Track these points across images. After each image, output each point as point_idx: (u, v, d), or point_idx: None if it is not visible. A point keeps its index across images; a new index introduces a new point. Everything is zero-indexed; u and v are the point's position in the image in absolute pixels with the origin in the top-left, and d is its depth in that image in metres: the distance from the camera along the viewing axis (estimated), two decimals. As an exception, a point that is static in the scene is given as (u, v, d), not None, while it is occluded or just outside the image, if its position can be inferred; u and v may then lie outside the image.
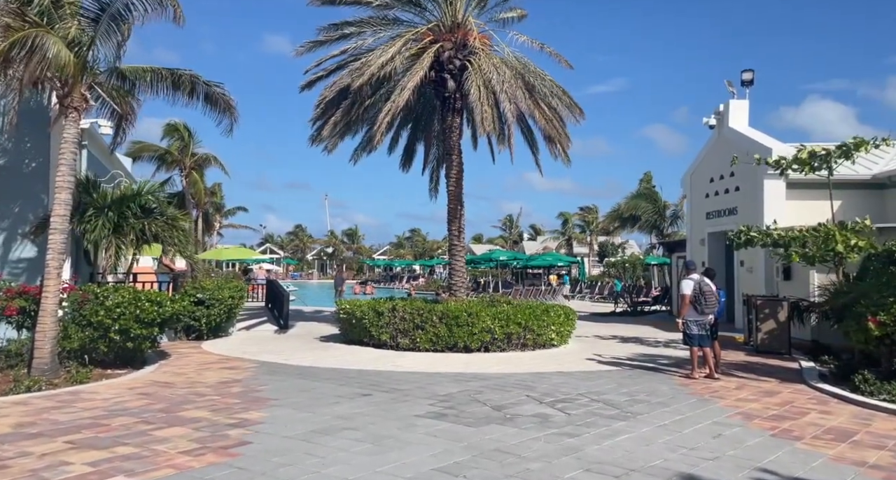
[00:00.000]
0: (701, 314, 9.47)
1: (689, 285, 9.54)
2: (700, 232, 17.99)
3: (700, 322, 9.48)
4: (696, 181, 18.42)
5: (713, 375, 9.45)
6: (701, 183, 18.01)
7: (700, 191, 18.05)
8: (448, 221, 14.55)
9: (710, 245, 17.58)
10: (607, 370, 10.41)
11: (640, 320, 20.18)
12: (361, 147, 16.03)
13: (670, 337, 15.42)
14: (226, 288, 14.25)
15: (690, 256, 18.74)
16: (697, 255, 18.20)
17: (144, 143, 28.25)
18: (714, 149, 17.34)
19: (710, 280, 9.89)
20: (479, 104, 12.32)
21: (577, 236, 51.75)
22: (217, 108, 10.03)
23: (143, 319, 9.22)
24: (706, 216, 17.71)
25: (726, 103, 16.79)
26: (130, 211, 10.75)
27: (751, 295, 13.18)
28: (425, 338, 12.42)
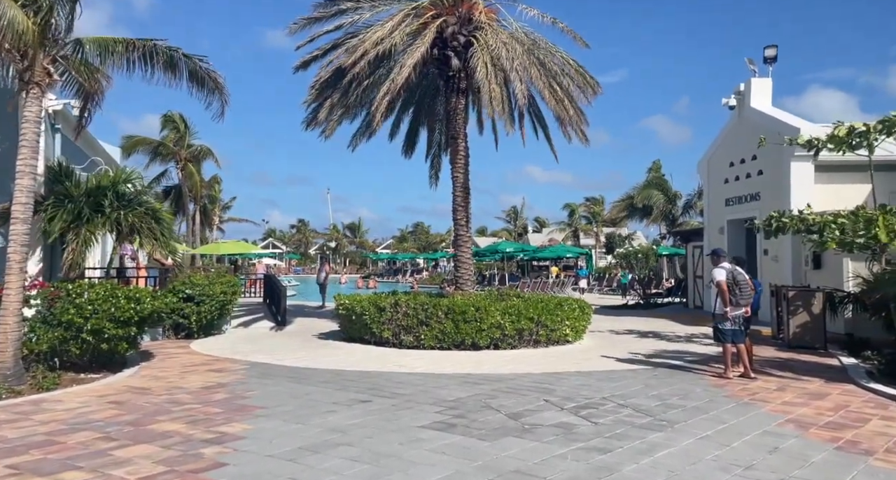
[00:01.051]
0: (735, 306, 8.56)
1: (721, 273, 8.64)
2: (719, 219, 17.03)
3: (734, 315, 8.59)
4: (713, 166, 17.44)
5: (749, 374, 8.55)
6: (719, 168, 17.03)
7: (718, 176, 17.08)
8: (453, 210, 13.65)
9: (730, 233, 16.63)
10: (629, 369, 9.52)
11: (653, 313, 19.27)
12: (360, 132, 15.13)
13: (690, 330, 14.53)
14: (217, 284, 13.39)
15: (708, 245, 17.81)
16: (716, 244, 17.20)
17: (138, 137, 27.43)
18: (734, 131, 16.34)
19: (743, 271, 8.99)
20: (486, 83, 11.38)
21: (584, 227, 50.72)
22: (204, 88, 9.11)
23: (119, 318, 8.36)
24: (725, 203, 16.75)
25: (747, 82, 15.77)
26: (107, 200, 9.87)
27: (780, 286, 12.25)
28: (430, 335, 11.55)
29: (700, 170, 18.03)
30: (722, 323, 8.64)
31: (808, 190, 13.66)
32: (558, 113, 11.94)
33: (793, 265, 13.97)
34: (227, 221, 57.34)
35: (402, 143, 15.92)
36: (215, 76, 8.95)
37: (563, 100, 11.90)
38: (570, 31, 12.50)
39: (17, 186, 7.70)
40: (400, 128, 15.84)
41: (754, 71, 15.71)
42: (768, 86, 15.55)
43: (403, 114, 15.57)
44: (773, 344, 12.05)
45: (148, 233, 10.36)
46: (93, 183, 9.98)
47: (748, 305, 8.64)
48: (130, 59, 8.39)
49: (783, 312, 11.72)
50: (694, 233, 19.83)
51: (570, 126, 12.56)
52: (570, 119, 12.04)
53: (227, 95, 9.19)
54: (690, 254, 19.63)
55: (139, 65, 8.50)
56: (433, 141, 15.90)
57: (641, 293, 22.97)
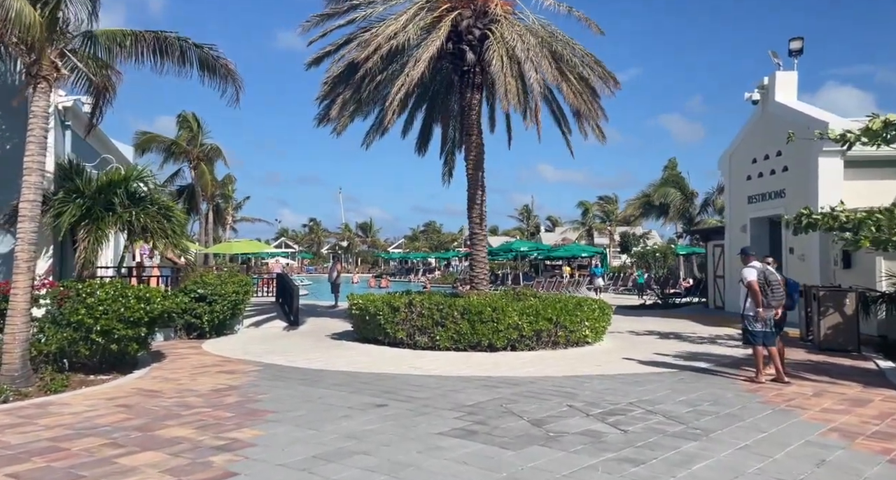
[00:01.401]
0: (766, 307, 8.16)
1: (752, 272, 8.24)
2: (741, 217, 16.55)
3: (765, 317, 8.19)
4: (735, 162, 16.95)
5: (782, 378, 8.15)
6: (742, 164, 16.54)
7: (741, 173, 16.59)
8: (468, 208, 13.33)
9: (753, 231, 16.15)
10: (654, 372, 9.15)
11: (673, 313, 18.81)
12: (374, 129, 14.85)
13: (713, 331, 14.10)
14: (230, 283, 13.20)
15: (729, 244, 17.35)
16: (738, 243, 16.76)
17: (151, 134, 27.38)
18: (757, 126, 15.85)
19: (775, 270, 8.59)
20: (501, 75, 11.05)
21: (598, 226, 50.12)
22: (216, 75, 8.89)
23: (129, 318, 8.15)
24: (748, 200, 16.27)
25: (771, 76, 15.28)
26: (118, 198, 9.68)
27: (810, 286, 11.79)
28: (445, 336, 11.26)
29: (721, 166, 17.54)
30: (752, 324, 8.25)
31: (837, 186, 13.16)
32: (576, 106, 11.57)
33: (821, 264, 13.49)
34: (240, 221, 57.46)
35: (416, 140, 15.64)
36: (226, 63, 8.74)
37: (580, 94, 11.54)
38: (585, 18, 12.11)
39: (25, 183, 7.51)
40: (413, 125, 15.55)
41: (779, 64, 15.22)
42: (793, 80, 15.05)
43: (417, 110, 15.27)
44: (802, 346, 11.61)
45: (159, 232, 10.16)
46: (103, 180, 9.79)
47: (780, 306, 8.24)
48: (139, 50, 8.18)
49: (813, 313, 11.27)
50: (714, 232, 19.33)
51: (588, 120, 12.19)
52: (588, 113, 11.67)
53: (240, 81, 8.98)
54: (711, 253, 19.14)
55: (149, 56, 8.29)
56: (447, 137, 15.59)
57: (659, 293, 22.48)
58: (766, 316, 8.17)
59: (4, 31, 6.84)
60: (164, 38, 8.22)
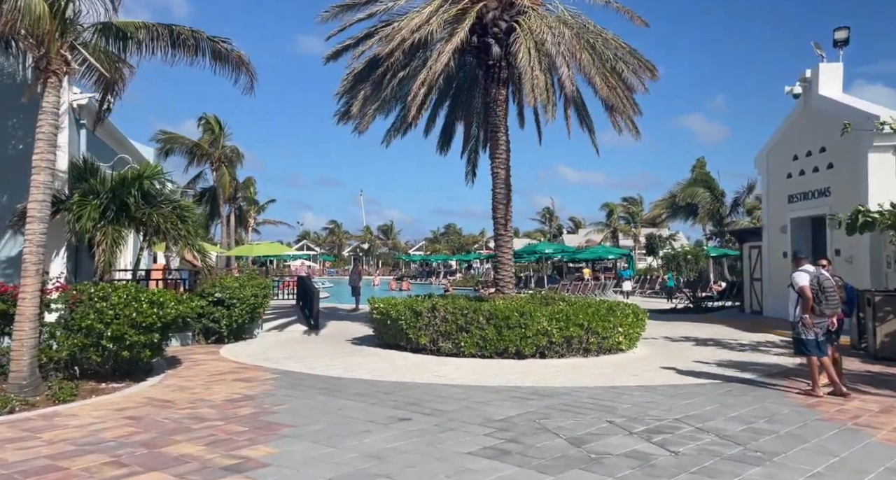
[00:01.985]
0: (820, 315, 7.52)
1: (805, 277, 7.64)
2: (780, 217, 15.71)
3: (819, 324, 7.52)
4: (774, 160, 16.10)
5: (841, 391, 7.45)
6: (781, 162, 15.69)
7: (780, 171, 15.75)
8: (493, 208, 12.79)
9: (794, 232, 15.30)
10: (697, 383, 8.50)
11: (707, 318, 17.99)
12: (395, 127, 14.42)
13: (753, 338, 13.34)
14: (248, 286, 12.86)
15: (768, 245, 16.51)
16: (777, 244, 15.96)
17: (173, 134, 27.42)
18: (799, 121, 15.01)
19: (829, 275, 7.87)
20: (528, 70, 10.50)
21: (623, 228, 49.08)
22: (229, 65, 8.55)
23: (141, 323, 7.80)
24: (788, 199, 15.42)
25: (814, 68, 14.43)
26: (132, 198, 9.38)
27: (863, 290, 10.98)
28: (471, 342, 10.73)
29: (758, 164, 16.70)
30: (805, 332, 7.59)
31: (889, 183, 12.29)
32: (611, 101, 10.94)
33: (871, 266, 12.63)
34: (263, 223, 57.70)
35: (438, 139, 15.15)
36: (239, 53, 8.39)
37: (615, 88, 10.91)
38: (626, 10, 11.46)
39: (33, 182, 7.21)
40: (435, 123, 15.07)
41: (822, 56, 14.36)
42: (839, 72, 14.19)
43: (439, 108, 14.79)
44: (854, 355, 10.80)
45: (174, 233, 9.84)
46: (116, 180, 9.50)
47: (834, 314, 7.60)
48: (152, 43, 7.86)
49: (867, 319, 10.48)
50: (750, 233, 18.44)
51: (622, 115, 11.56)
52: (622, 108, 11.04)
53: (253, 69, 8.64)
54: (747, 255, 18.28)
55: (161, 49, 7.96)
56: (470, 136, 15.08)
57: (691, 296, 21.62)
58: (821, 324, 7.52)
59: (13, 23, 6.52)
60: (178, 31, 7.89)
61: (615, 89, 10.89)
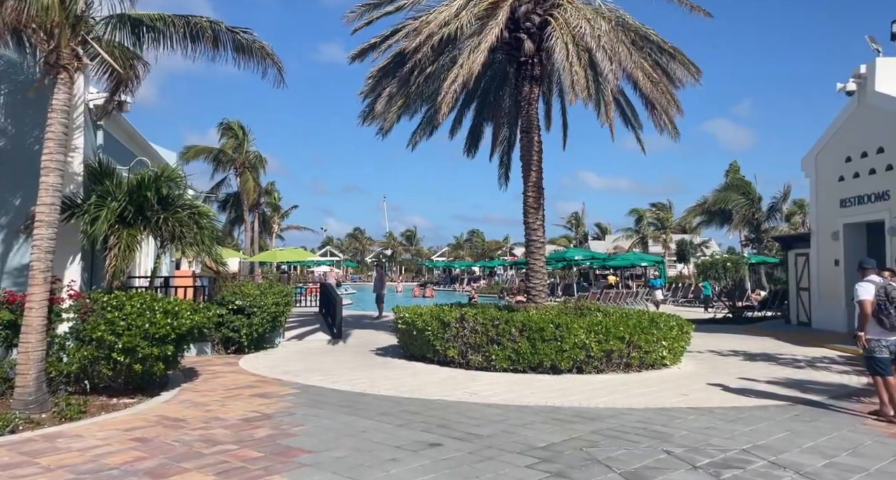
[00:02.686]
0: (890, 330, 6.81)
1: (869, 289, 6.97)
2: (831, 223, 14.69)
3: (885, 342, 6.87)
4: (823, 162, 15.10)
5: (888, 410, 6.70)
6: (832, 163, 14.70)
7: (831, 173, 14.75)
8: (524, 213, 12.11)
9: (848, 238, 14.28)
10: (757, 405, 7.68)
11: (750, 330, 16.98)
12: (421, 129, 13.86)
13: (807, 352, 12.37)
14: (269, 294, 12.39)
15: (817, 252, 15.48)
16: (827, 251, 14.95)
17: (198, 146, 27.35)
18: (853, 120, 14.02)
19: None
20: (567, 65, 9.82)
21: (653, 234, 47.79)
22: (253, 58, 8.10)
23: (154, 335, 7.32)
24: (840, 204, 14.42)
25: (870, 63, 13.45)
26: (148, 202, 8.95)
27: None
28: (502, 355, 10.06)
29: (805, 167, 15.70)
30: (878, 350, 6.87)
31: (958, 186, 11.29)
32: (654, 97, 10.20)
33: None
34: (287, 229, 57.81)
35: (465, 141, 14.56)
36: (262, 45, 7.90)
37: (659, 83, 10.16)
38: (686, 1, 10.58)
39: (42, 184, 6.80)
40: (462, 125, 14.49)
41: (878, 50, 13.38)
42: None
43: (466, 108, 14.19)
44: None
45: (191, 239, 9.38)
46: (133, 182, 9.09)
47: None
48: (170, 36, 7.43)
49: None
50: (797, 239, 17.38)
51: (663, 114, 10.79)
52: (665, 105, 10.27)
53: (279, 61, 8.13)
54: (793, 263, 17.24)
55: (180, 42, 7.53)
56: (498, 137, 14.44)
57: (731, 306, 20.55)
58: (891, 341, 6.85)
59: (19, 13, 6.12)
60: (195, 22, 7.45)
61: (658, 85, 10.14)
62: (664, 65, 10.47)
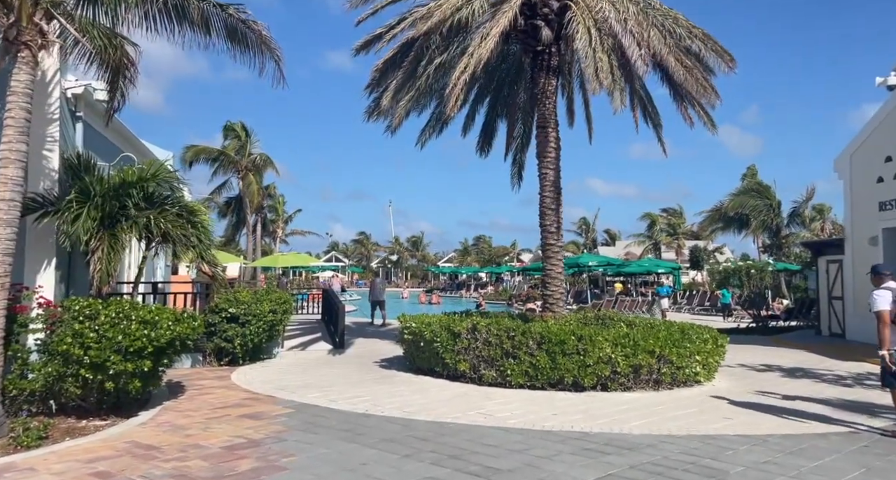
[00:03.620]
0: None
1: (886, 298, 6.53)
2: (869, 227, 13.71)
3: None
4: (860, 162, 14.14)
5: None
6: (870, 164, 13.73)
7: (868, 174, 13.78)
8: (540, 215, 11.22)
9: (888, 244, 13.29)
10: (816, 433, 6.71)
11: (778, 341, 15.92)
12: (430, 125, 13.04)
13: (849, 368, 11.37)
14: (266, 301, 11.53)
15: (852, 259, 14.50)
16: (864, 258, 13.95)
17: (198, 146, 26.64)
18: (894, 117, 13.08)
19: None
20: (591, 52, 8.96)
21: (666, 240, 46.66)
22: (248, 47, 7.28)
23: (128, 348, 6.46)
24: (879, 207, 13.44)
25: (914, 53, 12.54)
26: (131, 200, 8.13)
27: None
28: (518, 370, 9.15)
29: (839, 168, 14.74)
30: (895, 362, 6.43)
31: None
32: (688, 85, 9.29)
33: None
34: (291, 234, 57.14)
35: (478, 139, 13.71)
36: (258, 29, 7.07)
37: (692, 69, 9.26)
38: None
39: (0, 178, 5.97)
40: (475, 122, 13.64)
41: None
42: (945, 56, 12.31)
43: (479, 104, 13.36)
44: None
45: (183, 240, 8.55)
46: (116, 180, 8.28)
47: None
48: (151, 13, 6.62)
49: None
50: (828, 245, 16.37)
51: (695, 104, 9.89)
52: (703, 92, 9.35)
53: (279, 52, 7.31)
54: (824, 270, 16.24)
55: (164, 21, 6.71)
56: (513, 134, 13.58)
57: (755, 315, 19.51)
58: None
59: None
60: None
61: (692, 71, 9.23)
62: (697, 51, 9.58)
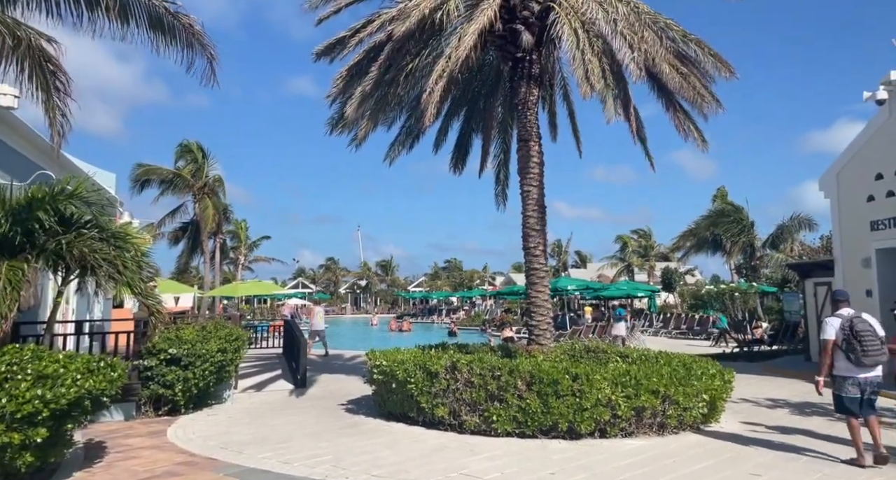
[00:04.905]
0: (857, 366, 6.46)
1: (834, 325, 6.69)
2: (860, 249, 13.10)
3: (853, 380, 6.51)
4: (848, 180, 13.60)
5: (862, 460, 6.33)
6: (859, 182, 13.19)
7: (857, 193, 13.23)
8: (523, 237, 10.18)
9: (881, 266, 12.67)
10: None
11: (769, 368, 15.12)
12: (400, 140, 11.95)
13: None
14: (214, 339, 10.08)
15: (843, 282, 13.82)
16: (856, 280, 13.32)
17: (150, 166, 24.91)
18: (885, 132, 12.57)
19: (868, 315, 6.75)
20: (578, 54, 8.05)
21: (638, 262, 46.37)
22: (175, 39, 6.08)
23: (15, 414, 5.01)
24: (871, 226, 12.86)
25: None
26: (39, 224, 6.73)
27: None
28: (506, 416, 7.95)
29: (825, 186, 14.20)
30: (845, 389, 6.57)
31: None
32: (685, 92, 8.45)
33: None
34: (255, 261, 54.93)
35: (452, 155, 12.65)
36: (188, 21, 5.89)
37: (688, 76, 8.43)
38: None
39: None
40: (448, 137, 12.62)
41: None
42: (936, 70, 11.90)
43: (454, 118, 12.37)
44: None
45: (105, 267, 7.13)
46: (22, 201, 6.86)
47: (876, 364, 6.49)
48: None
49: None
50: (816, 267, 15.76)
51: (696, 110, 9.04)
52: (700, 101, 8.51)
53: (212, 48, 6.15)
54: (811, 293, 15.61)
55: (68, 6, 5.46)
56: (488, 150, 12.58)
57: (741, 340, 18.76)
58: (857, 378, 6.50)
59: None
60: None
61: (688, 77, 8.39)
62: (693, 56, 8.78)
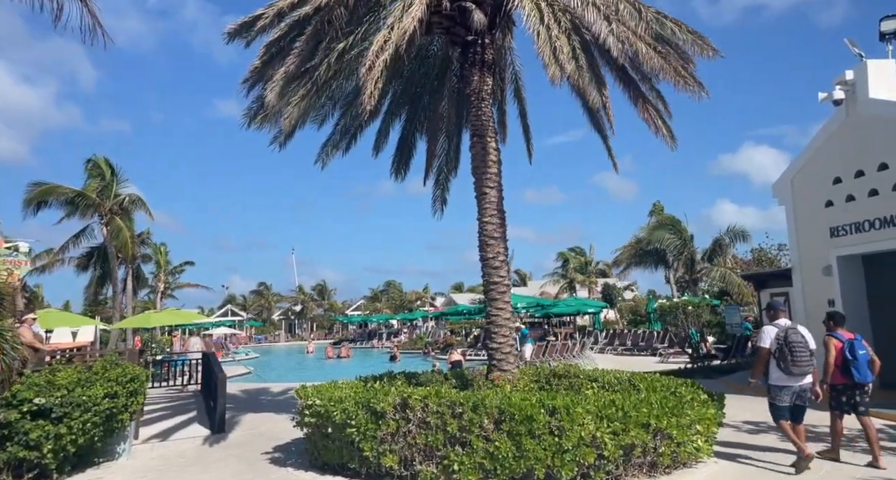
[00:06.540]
0: (788, 375, 6.78)
1: (770, 334, 6.99)
2: (820, 257, 12.60)
3: (787, 388, 6.84)
4: (803, 186, 13.16)
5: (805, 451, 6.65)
6: (815, 187, 12.76)
7: (814, 198, 12.79)
8: (480, 246, 8.82)
9: (843, 274, 12.18)
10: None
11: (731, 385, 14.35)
12: (333, 142, 10.36)
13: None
14: (100, 382, 8.01)
15: (802, 291, 13.31)
16: (815, 289, 12.82)
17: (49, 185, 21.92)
18: (842, 134, 12.19)
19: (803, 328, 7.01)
20: (542, 30, 6.87)
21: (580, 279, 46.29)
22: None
23: None
24: (831, 233, 12.39)
25: (859, 67, 11.74)
26: None
27: None
28: (469, 463, 6.45)
29: (779, 193, 13.77)
30: (778, 398, 6.93)
31: None
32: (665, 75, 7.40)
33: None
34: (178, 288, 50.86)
35: (393, 158, 11.17)
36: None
37: (667, 56, 7.39)
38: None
39: None
40: (388, 139, 11.15)
41: (860, 55, 11.77)
42: (891, 69, 11.62)
43: (394, 117, 10.93)
44: None
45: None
46: None
47: (803, 374, 6.81)
48: None
49: None
50: (773, 277, 15.33)
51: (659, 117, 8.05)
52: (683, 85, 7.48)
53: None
54: (768, 303, 15.10)
55: None
56: (434, 152, 11.20)
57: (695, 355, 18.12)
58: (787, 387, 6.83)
59: None
60: None
61: (667, 56, 7.35)
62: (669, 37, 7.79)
